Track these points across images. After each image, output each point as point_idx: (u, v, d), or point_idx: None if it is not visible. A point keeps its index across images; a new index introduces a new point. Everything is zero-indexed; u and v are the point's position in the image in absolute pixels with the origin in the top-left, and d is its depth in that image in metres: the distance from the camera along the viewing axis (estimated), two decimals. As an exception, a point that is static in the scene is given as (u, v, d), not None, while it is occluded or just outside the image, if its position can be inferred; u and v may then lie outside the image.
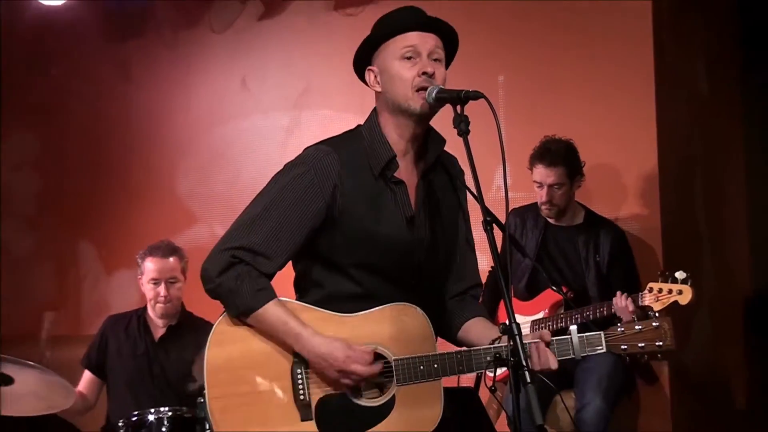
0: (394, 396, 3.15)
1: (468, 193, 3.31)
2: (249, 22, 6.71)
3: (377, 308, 3.19)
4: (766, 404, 6.65)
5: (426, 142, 3.29)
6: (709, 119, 6.47)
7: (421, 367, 3.14)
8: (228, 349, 3.19)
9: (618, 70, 5.77)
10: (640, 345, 3.20)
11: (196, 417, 4.63)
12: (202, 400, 3.22)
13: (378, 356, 3.16)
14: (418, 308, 3.20)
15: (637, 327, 3.21)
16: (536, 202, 5.41)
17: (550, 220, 5.44)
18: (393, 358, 3.15)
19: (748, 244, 6.87)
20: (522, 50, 6.01)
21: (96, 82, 7.18)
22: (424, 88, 3.14)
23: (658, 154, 5.68)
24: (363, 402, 3.16)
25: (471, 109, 3.07)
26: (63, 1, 6.69)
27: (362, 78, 3.32)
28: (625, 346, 3.21)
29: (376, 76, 3.26)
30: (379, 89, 3.26)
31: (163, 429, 4.60)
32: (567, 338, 3.20)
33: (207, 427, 3.38)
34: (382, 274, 3.22)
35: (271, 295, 3.17)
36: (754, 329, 6.78)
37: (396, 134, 3.24)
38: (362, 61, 3.30)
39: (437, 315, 3.29)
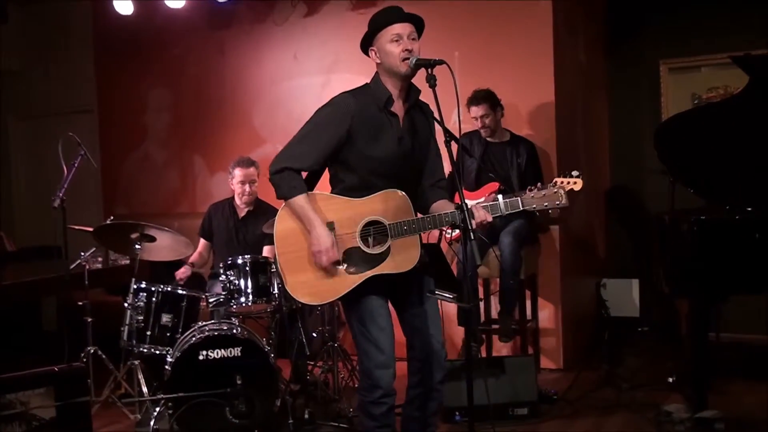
0: (389, 246, 3.20)
1: (436, 123, 3.31)
2: (298, 18, 6.63)
3: (376, 193, 3.22)
4: (616, 252, 6.82)
5: (409, 92, 3.32)
6: (586, 75, 6.46)
7: (405, 228, 3.18)
8: (286, 225, 3.24)
9: (532, 48, 5.73)
10: (545, 204, 3.15)
11: (266, 261, 4.77)
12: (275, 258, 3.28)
13: (374, 222, 3.19)
14: (403, 192, 3.23)
15: (542, 192, 3.16)
16: (479, 130, 5.43)
17: (489, 139, 5.44)
18: (387, 223, 3.20)
19: (608, 155, 6.91)
20: (469, 37, 5.93)
21: (203, 56, 7.12)
22: (407, 59, 3.16)
23: (555, 100, 5.68)
24: (371, 250, 3.20)
25: (437, 71, 3.12)
26: (183, 4, 6.64)
27: (366, 54, 3.32)
28: (536, 205, 3.15)
29: (376, 53, 3.27)
30: (378, 61, 3.27)
31: (247, 268, 4.68)
32: (496, 203, 3.16)
33: (278, 273, 3.36)
34: (380, 173, 3.23)
35: (301, 191, 3.19)
36: (610, 208, 6.88)
37: (390, 87, 3.26)
38: (366, 43, 3.31)
39: (417, 197, 3.33)
